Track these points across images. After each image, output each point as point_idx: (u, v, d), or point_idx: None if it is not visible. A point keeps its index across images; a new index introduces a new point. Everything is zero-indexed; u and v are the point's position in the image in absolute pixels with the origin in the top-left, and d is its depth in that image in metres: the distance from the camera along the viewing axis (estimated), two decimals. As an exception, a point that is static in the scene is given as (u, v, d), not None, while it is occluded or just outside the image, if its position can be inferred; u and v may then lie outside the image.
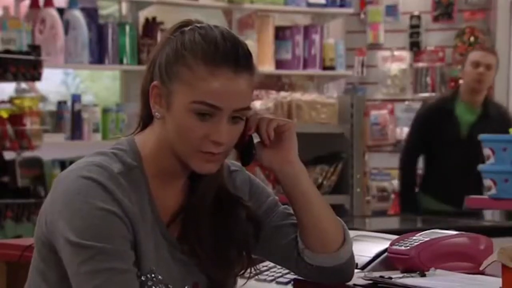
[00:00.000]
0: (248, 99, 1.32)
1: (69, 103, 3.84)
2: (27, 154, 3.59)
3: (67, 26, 3.78)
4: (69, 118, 3.80)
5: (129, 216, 1.29)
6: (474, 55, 3.80)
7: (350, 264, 1.42)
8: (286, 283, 1.57)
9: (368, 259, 1.56)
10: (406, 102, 4.88)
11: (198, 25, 1.33)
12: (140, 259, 1.30)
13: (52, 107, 3.88)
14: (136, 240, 1.30)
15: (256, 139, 1.39)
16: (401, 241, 1.54)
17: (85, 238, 1.26)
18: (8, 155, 3.59)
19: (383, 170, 4.78)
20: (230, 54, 1.30)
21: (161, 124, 1.33)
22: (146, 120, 1.37)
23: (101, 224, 1.26)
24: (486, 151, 2.04)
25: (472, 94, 3.77)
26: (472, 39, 4.69)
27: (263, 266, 1.60)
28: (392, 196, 4.72)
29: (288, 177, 1.38)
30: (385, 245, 1.56)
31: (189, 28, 1.33)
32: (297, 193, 1.39)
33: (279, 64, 4.52)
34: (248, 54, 1.32)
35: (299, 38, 4.51)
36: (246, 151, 1.37)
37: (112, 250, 1.26)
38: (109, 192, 1.28)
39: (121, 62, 3.97)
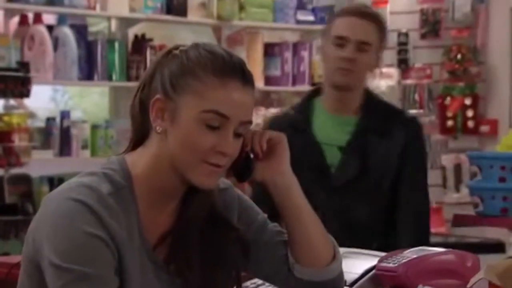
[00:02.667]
0: (252, 113, 1.35)
1: (57, 120, 3.84)
2: (15, 170, 3.58)
3: (56, 42, 3.78)
4: (58, 134, 3.79)
5: (116, 240, 1.29)
6: (340, 23, 2.30)
7: (339, 280, 1.43)
8: (274, 301, 1.57)
9: (356, 276, 1.56)
10: (394, 119, 4.90)
11: (199, 42, 1.35)
12: (125, 284, 1.29)
13: (41, 124, 3.87)
14: (122, 264, 1.30)
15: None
16: (389, 258, 1.54)
17: (67, 262, 1.26)
18: (-4, 172, 3.58)
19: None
20: (238, 67, 1.33)
21: (159, 139, 1.33)
22: (137, 140, 1.38)
23: (85, 248, 1.26)
24: (473, 168, 2.06)
25: (337, 94, 2.29)
26: (459, 56, 4.73)
27: (251, 284, 1.60)
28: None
29: (280, 188, 1.39)
30: (373, 262, 1.57)
31: (190, 46, 1.35)
32: (288, 205, 1.39)
33: (268, 80, 4.53)
34: (249, 70, 1.35)
35: (288, 54, 4.53)
36: (243, 167, 1.38)
37: (93, 274, 1.25)
38: (96, 215, 1.28)
39: (110, 78, 3.98)
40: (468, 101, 4.71)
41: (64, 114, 3.89)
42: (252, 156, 1.39)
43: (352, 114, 2.32)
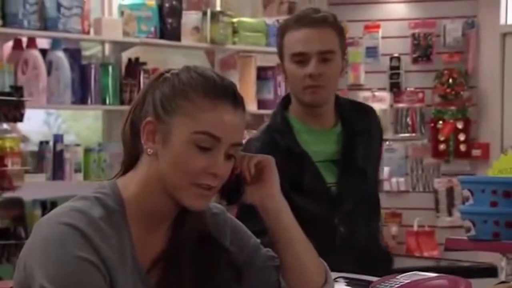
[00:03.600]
0: (242, 135, 1.36)
1: (51, 143, 3.83)
2: (8, 194, 3.57)
3: (50, 66, 3.79)
4: (51, 158, 3.79)
5: (107, 264, 1.29)
6: (292, 38, 2.12)
7: (331, 306, 1.43)
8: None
9: (348, 301, 1.56)
10: (387, 142, 4.92)
11: (190, 65, 1.37)
12: None
13: (34, 147, 3.87)
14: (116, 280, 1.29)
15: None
16: (382, 283, 1.54)
17: (59, 286, 1.25)
18: (-11, 196, 3.57)
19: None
20: (229, 89, 1.34)
21: (150, 162, 1.34)
22: (128, 164, 1.38)
23: (76, 273, 1.26)
24: (465, 192, 2.06)
25: (312, 110, 2.16)
26: (450, 80, 4.76)
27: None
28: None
29: (270, 211, 1.40)
30: (366, 287, 1.57)
31: (181, 69, 1.36)
32: (279, 228, 1.40)
33: (261, 104, 4.55)
34: (240, 94, 1.37)
35: (281, 78, 4.56)
36: (233, 190, 1.39)
37: None
38: (87, 239, 1.28)
39: (103, 102, 3.99)
40: (460, 125, 4.74)
41: (57, 138, 3.89)
42: (241, 178, 1.40)
43: (330, 123, 2.17)
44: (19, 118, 3.53)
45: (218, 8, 4.51)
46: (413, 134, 4.85)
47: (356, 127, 2.18)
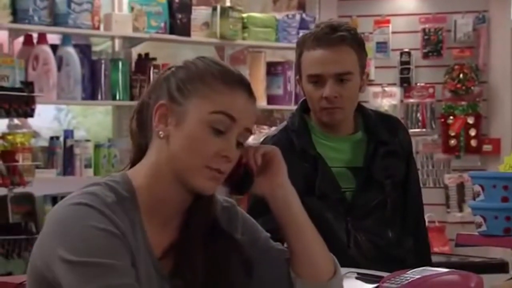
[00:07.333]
0: (254, 123, 1.38)
1: (61, 139, 3.85)
2: (19, 190, 3.59)
3: (60, 62, 3.80)
4: (61, 153, 3.80)
5: (127, 239, 1.29)
6: (308, 58, 2.07)
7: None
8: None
9: (359, 297, 1.56)
10: (397, 138, 4.90)
11: (205, 55, 1.40)
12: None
13: (44, 143, 3.88)
14: (134, 263, 1.29)
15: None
16: (392, 279, 1.54)
17: (91, 256, 1.24)
18: (0, 191, 3.58)
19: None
20: (243, 79, 1.38)
21: (161, 145, 1.34)
22: (137, 156, 1.39)
23: (104, 242, 1.25)
24: (476, 188, 2.06)
25: (329, 126, 2.13)
26: (461, 75, 4.74)
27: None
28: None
29: (279, 200, 1.40)
30: (376, 283, 1.57)
31: (196, 58, 1.39)
32: (288, 217, 1.40)
33: (271, 99, 4.55)
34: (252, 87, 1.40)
35: (291, 73, 4.55)
36: (242, 180, 1.39)
37: (120, 266, 1.25)
38: (104, 215, 1.28)
39: (113, 97, 4.00)
40: (470, 120, 4.72)
41: (68, 134, 3.90)
42: (249, 168, 1.40)
43: (349, 131, 2.14)
44: (30, 113, 3.55)
45: (227, 4, 4.51)
46: (424, 130, 4.83)
47: (380, 137, 2.13)
